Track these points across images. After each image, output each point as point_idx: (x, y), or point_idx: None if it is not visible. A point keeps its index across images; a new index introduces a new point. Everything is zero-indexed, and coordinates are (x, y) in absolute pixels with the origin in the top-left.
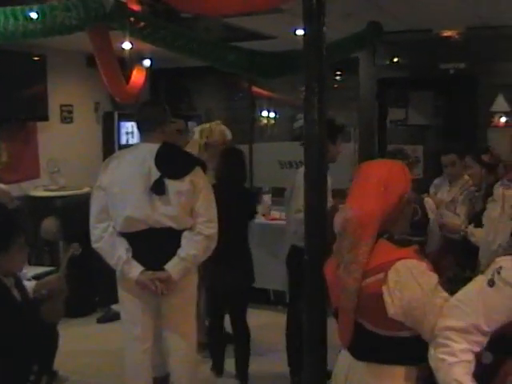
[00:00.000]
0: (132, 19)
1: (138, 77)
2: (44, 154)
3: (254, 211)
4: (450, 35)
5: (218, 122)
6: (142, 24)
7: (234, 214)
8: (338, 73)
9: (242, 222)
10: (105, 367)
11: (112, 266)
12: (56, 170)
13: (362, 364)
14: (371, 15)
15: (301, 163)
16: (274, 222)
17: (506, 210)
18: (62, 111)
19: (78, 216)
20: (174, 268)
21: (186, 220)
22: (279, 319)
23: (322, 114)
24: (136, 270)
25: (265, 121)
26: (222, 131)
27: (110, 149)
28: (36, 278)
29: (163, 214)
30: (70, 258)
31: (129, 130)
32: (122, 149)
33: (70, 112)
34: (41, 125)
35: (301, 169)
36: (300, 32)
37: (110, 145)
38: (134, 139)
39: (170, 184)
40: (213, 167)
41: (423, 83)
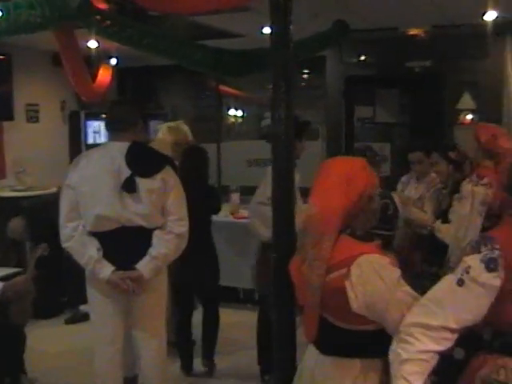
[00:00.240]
0: (98, 17)
1: (104, 75)
2: (10, 153)
3: (218, 207)
4: (416, 33)
5: (181, 121)
6: (109, 22)
7: (198, 211)
8: (306, 71)
9: (207, 218)
10: (74, 368)
11: (82, 265)
12: (22, 169)
13: (328, 358)
14: (338, 14)
15: (269, 161)
16: (243, 221)
17: (476, 206)
18: (27, 110)
19: (45, 216)
20: (145, 267)
21: (156, 218)
22: (249, 317)
23: (289, 112)
24: (107, 269)
25: (232, 119)
26: (187, 131)
27: (76, 148)
28: (3, 279)
29: (134, 212)
30: (38, 259)
31: (96, 129)
32: (89, 148)
33: (36, 111)
34: (6, 124)
35: (269, 167)
36: (267, 30)
37: (77, 144)
38: (102, 138)
39: (141, 182)
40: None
41: (390, 81)
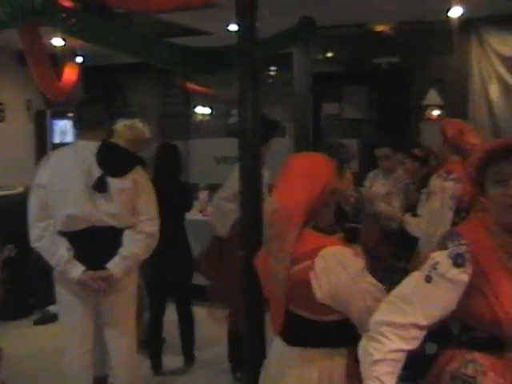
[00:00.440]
0: (63, 15)
1: (70, 74)
2: None
3: (190, 204)
4: (383, 30)
5: (137, 119)
6: (74, 20)
7: (172, 208)
8: (273, 68)
9: (181, 215)
10: (43, 369)
11: (53, 265)
12: None
13: (294, 349)
14: (304, 10)
15: (237, 159)
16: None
17: (446, 201)
18: None
19: (11, 217)
20: (116, 267)
21: (127, 218)
22: (219, 315)
23: (256, 109)
24: (78, 269)
25: (200, 117)
26: (142, 128)
27: (42, 147)
28: None
29: (105, 212)
30: (5, 260)
31: (62, 129)
32: (56, 147)
33: (2, 111)
34: None
35: (237, 164)
36: (233, 28)
37: (43, 143)
38: (68, 137)
39: (112, 182)
40: None
41: (357, 77)
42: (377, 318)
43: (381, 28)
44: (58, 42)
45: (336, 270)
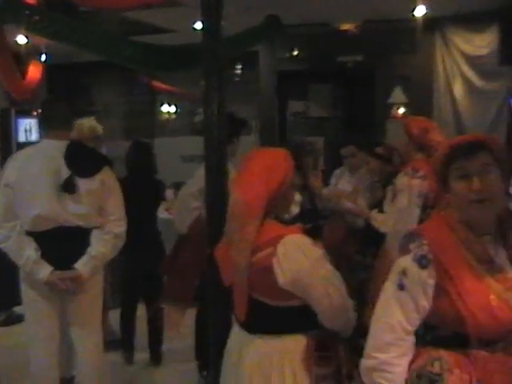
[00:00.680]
0: (27, 12)
1: (34, 72)
2: None
3: (162, 197)
4: (348, 28)
5: (92, 117)
6: (37, 17)
7: (145, 205)
8: (238, 66)
9: (154, 212)
10: (9, 371)
11: (20, 266)
12: None
13: (256, 337)
14: (270, 9)
15: (203, 157)
16: None
17: (413, 199)
18: None
19: None
20: (84, 267)
21: (95, 218)
22: (187, 313)
23: (221, 107)
24: (46, 270)
25: (166, 115)
26: (94, 126)
27: (7, 147)
28: None
29: (73, 212)
30: None
31: (27, 127)
32: (20, 146)
33: None
34: None
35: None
36: (199, 26)
37: (7, 142)
38: (33, 136)
39: (80, 182)
40: None
41: (322, 76)
42: (371, 344)
43: (346, 27)
44: (21, 40)
45: (297, 256)
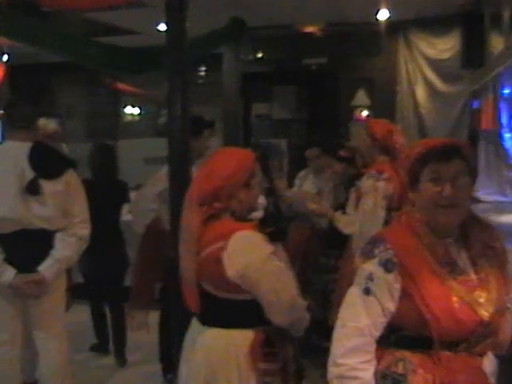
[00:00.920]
0: None
1: None
2: None
3: (126, 199)
4: (312, 31)
5: (45, 118)
6: None
7: (109, 207)
8: (203, 68)
9: (118, 213)
10: None
11: None
12: None
13: (207, 330)
14: (234, 11)
15: (166, 159)
16: None
17: (379, 201)
18: None
19: None
20: (48, 270)
21: (59, 221)
22: (150, 316)
23: (185, 109)
24: (9, 273)
25: (129, 117)
26: (46, 125)
27: None
28: None
29: (37, 214)
30: None
31: None
32: None
33: None
34: None
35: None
36: (163, 27)
37: None
38: None
39: (45, 184)
40: None
41: (287, 78)
42: (338, 350)
43: (310, 29)
44: None
45: (246, 250)
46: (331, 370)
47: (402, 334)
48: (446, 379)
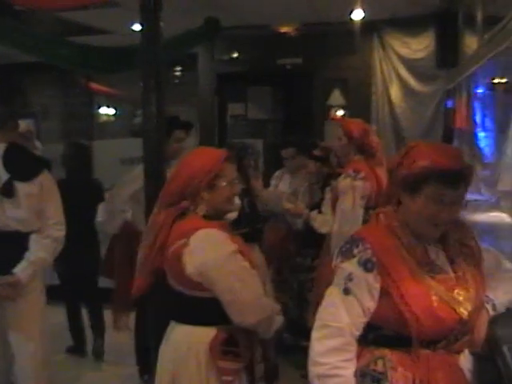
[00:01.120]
0: None
1: None
2: None
3: (102, 199)
4: (287, 31)
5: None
6: None
7: (84, 207)
8: (178, 68)
9: (92, 213)
10: None
11: None
12: None
13: (177, 326)
14: (209, 11)
15: (141, 159)
16: None
17: (357, 200)
18: None
19: None
20: (23, 272)
21: (33, 222)
22: (122, 320)
23: (159, 109)
24: None
25: (104, 117)
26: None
27: None
28: None
29: (12, 216)
30: None
31: None
32: None
33: None
34: None
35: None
36: (137, 27)
37: None
38: None
39: (19, 186)
40: None
41: (262, 78)
42: (318, 350)
43: (285, 29)
44: None
45: (207, 248)
46: (312, 370)
47: (381, 333)
48: (425, 377)
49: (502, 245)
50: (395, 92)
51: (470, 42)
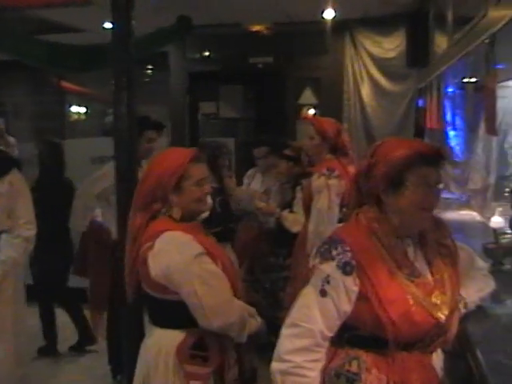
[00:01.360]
0: None
1: None
2: None
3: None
4: (259, 30)
5: None
6: None
7: (57, 206)
8: (149, 67)
9: (66, 212)
10: None
11: None
12: None
13: (153, 329)
14: (181, 9)
15: (112, 158)
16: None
17: (333, 198)
18: None
19: None
20: None
21: (3, 222)
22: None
23: (131, 108)
24: None
25: (75, 116)
26: None
27: None
28: None
29: None
30: None
31: None
32: None
33: None
34: None
35: (110, 163)
36: (109, 25)
37: None
38: None
39: None
40: None
41: (234, 77)
42: (286, 347)
43: (257, 28)
44: None
45: (171, 251)
46: (275, 365)
47: (356, 333)
48: (399, 379)
49: (472, 243)
50: (366, 91)
51: (441, 42)
